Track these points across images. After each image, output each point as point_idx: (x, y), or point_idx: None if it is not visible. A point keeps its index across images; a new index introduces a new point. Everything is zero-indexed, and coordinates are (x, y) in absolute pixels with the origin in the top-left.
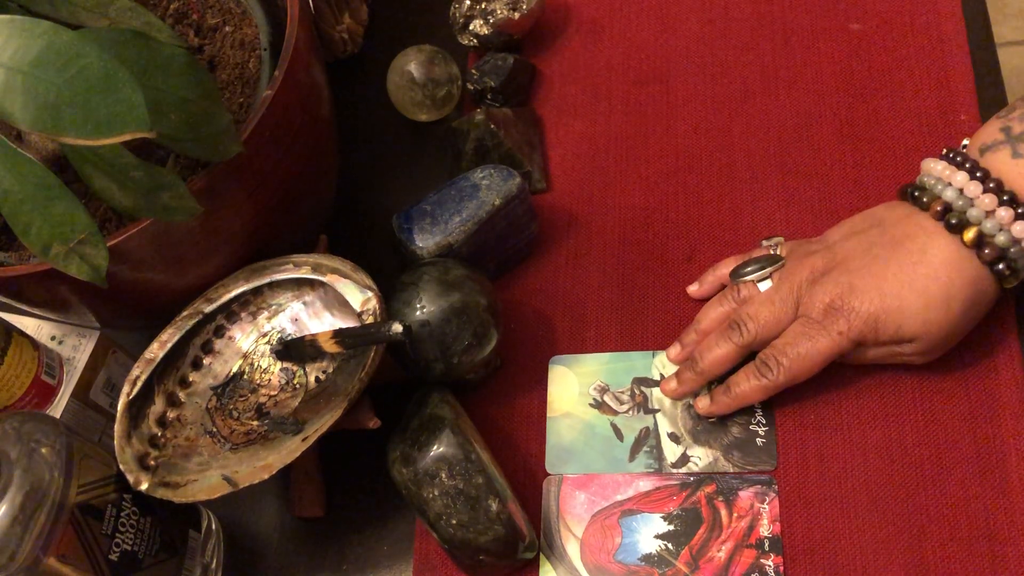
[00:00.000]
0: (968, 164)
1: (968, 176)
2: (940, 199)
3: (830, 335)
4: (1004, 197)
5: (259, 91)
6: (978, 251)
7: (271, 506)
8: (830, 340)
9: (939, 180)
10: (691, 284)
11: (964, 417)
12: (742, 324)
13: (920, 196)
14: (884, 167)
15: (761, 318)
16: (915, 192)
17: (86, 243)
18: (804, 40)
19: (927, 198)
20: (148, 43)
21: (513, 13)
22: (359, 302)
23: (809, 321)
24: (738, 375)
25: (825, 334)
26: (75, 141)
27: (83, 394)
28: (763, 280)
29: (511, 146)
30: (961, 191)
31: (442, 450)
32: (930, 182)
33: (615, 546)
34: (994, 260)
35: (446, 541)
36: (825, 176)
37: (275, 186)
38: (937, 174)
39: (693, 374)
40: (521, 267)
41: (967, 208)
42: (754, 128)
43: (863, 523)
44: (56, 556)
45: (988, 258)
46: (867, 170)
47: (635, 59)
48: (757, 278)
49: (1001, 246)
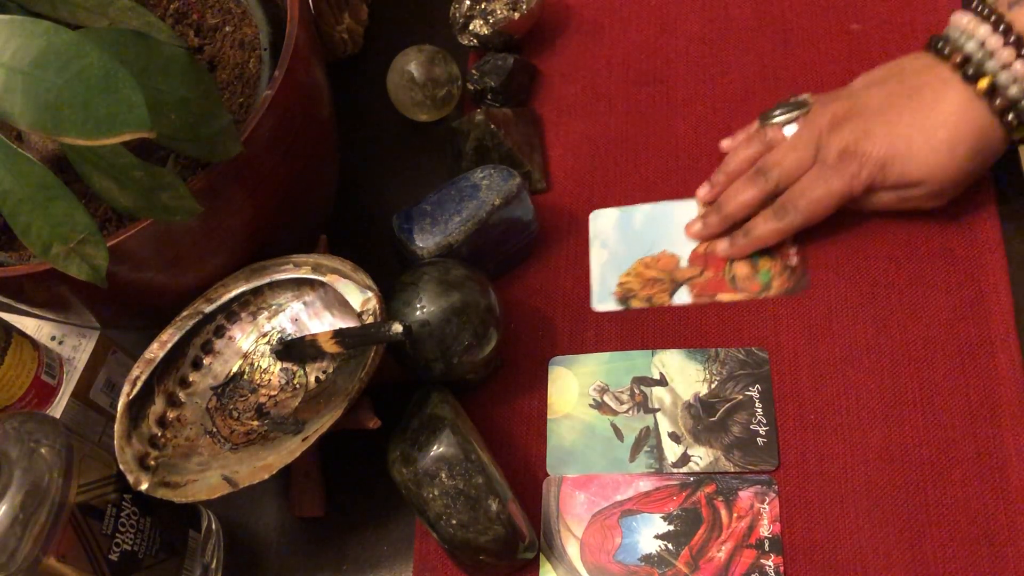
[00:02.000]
0: (993, 17)
1: (992, 29)
2: (961, 51)
3: (843, 178)
4: (1023, 51)
5: (259, 91)
6: (989, 100)
7: (271, 506)
8: (842, 183)
9: (963, 32)
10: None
11: (964, 417)
12: (767, 171)
13: (943, 47)
14: None
15: (786, 164)
16: (939, 43)
17: (86, 243)
18: (804, 40)
19: (949, 49)
20: (148, 43)
21: (513, 13)
22: (359, 302)
23: (824, 166)
24: (756, 219)
25: (838, 177)
26: (75, 141)
27: (83, 394)
28: (789, 124)
29: (511, 146)
30: (983, 44)
31: (442, 450)
32: (955, 34)
33: (615, 546)
34: (1004, 109)
35: (446, 541)
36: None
37: (275, 186)
38: (963, 27)
39: (718, 218)
40: (521, 267)
41: (986, 60)
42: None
43: (863, 523)
44: (56, 556)
45: (999, 108)
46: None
47: (635, 59)
48: (783, 121)
49: (1012, 97)
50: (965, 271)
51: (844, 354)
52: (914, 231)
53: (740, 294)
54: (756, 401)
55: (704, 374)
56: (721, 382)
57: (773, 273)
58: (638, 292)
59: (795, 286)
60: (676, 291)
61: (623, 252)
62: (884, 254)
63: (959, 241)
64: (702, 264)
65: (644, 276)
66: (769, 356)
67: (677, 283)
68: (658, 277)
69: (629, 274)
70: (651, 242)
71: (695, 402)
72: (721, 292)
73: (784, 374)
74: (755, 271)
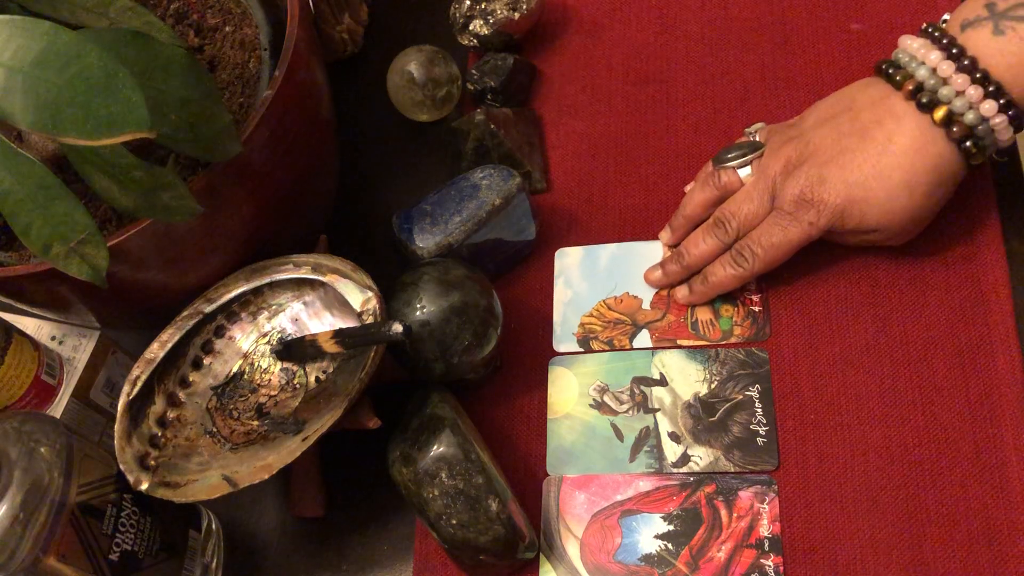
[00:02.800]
0: (945, 40)
1: (943, 55)
2: (913, 78)
3: (800, 225)
4: (977, 75)
5: (259, 91)
6: (946, 130)
7: (271, 506)
8: (800, 230)
9: (913, 58)
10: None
11: (964, 417)
12: (726, 222)
13: (894, 74)
14: None
15: (742, 214)
16: (890, 69)
17: (86, 243)
18: (804, 40)
19: (900, 76)
20: (148, 43)
21: (513, 13)
22: (359, 302)
23: (782, 213)
24: (714, 265)
25: (796, 225)
26: (75, 141)
27: (83, 394)
28: (743, 167)
29: (511, 146)
30: (934, 70)
31: (442, 450)
32: (904, 59)
33: (615, 546)
34: (962, 138)
35: (446, 541)
36: None
37: (275, 186)
38: (912, 52)
39: (679, 267)
40: (521, 267)
41: (939, 87)
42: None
43: (863, 523)
44: (56, 556)
45: (956, 136)
46: None
47: (635, 59)
48: (737, 165)
49: (969, 124)
50: (965, 271)
51: (844, 354)
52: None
53: (701, 340)
54: (756, 401)
55: (704, 374)
56: (721, 382)
57: (735, 320)
58: (599, 334)
59: (757, 334)
60: (637, 334)
61: (586, 292)
62: (883, 255)
63: (959, 241)
64: (664, 307)
65: (606, 317)
66: (769, 356)
67: (639, 326)
68: (620, 319)
69: (591, 315)
70: (614, 283)
71: (695, 402)
72: (682, 337)
73: (784, 374)
74: (716, 317)
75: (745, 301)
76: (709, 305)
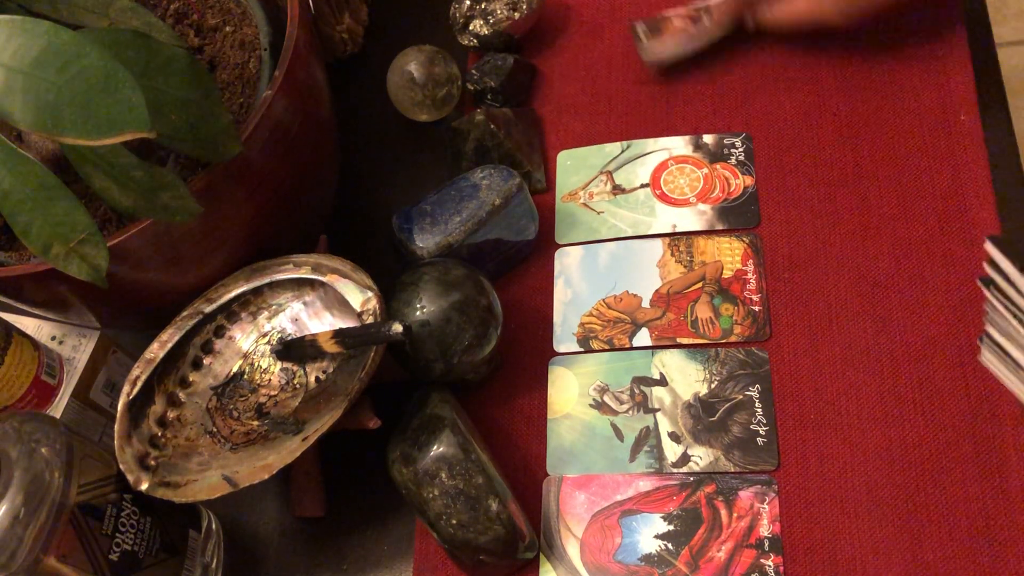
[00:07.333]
0: None
1: None
2: None
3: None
4: None
5: (259, 91)
6: None
7: (271, 506)
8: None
9: None
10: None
11: (964, 417)
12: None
13: None
14: (884, 167)
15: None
16: None
17: (86, 243)
18: (804, 40)
19: None
20: (148, 43)
21: (513, 13)
22: (359, 302)
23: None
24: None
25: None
26: (75, 141)
27: (83, 394)
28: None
29: (511, 146)
30: None
31: (442, 450)
32: None
33: (615, 546)
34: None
35: (446, 541)
36: (824, 175)
37: (275, 186)
38: None
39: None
40: (521, 267)
41: None
42: (753, 128)
43: (863, 523)
44: (56, 556)
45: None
46: (866, 169)
47: (635, 59)
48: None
49: None
50: (965, 271)
51: (844, 354)
52: (914, 231)
53: (701, 339)
54: (756, 401)
55: (704, 374)
56: (721, 382)
57: (735, 319)
58: (599, 332)
59: (757, 333)
60: (636, 333)
61: (586, 291)
62: (884, 254)
63: (959, 241)
64: (664, 306)
65: (606, 316)
66: (769, 356)
67: (638, 325)
68: (620, 317)
69: (591, 314)
70: (614, 281)
71: (695, 402)
72: (682, 336)
73: (784, 374)
74: (716, 316)
75: (745, 300)
76: (710, 303)
